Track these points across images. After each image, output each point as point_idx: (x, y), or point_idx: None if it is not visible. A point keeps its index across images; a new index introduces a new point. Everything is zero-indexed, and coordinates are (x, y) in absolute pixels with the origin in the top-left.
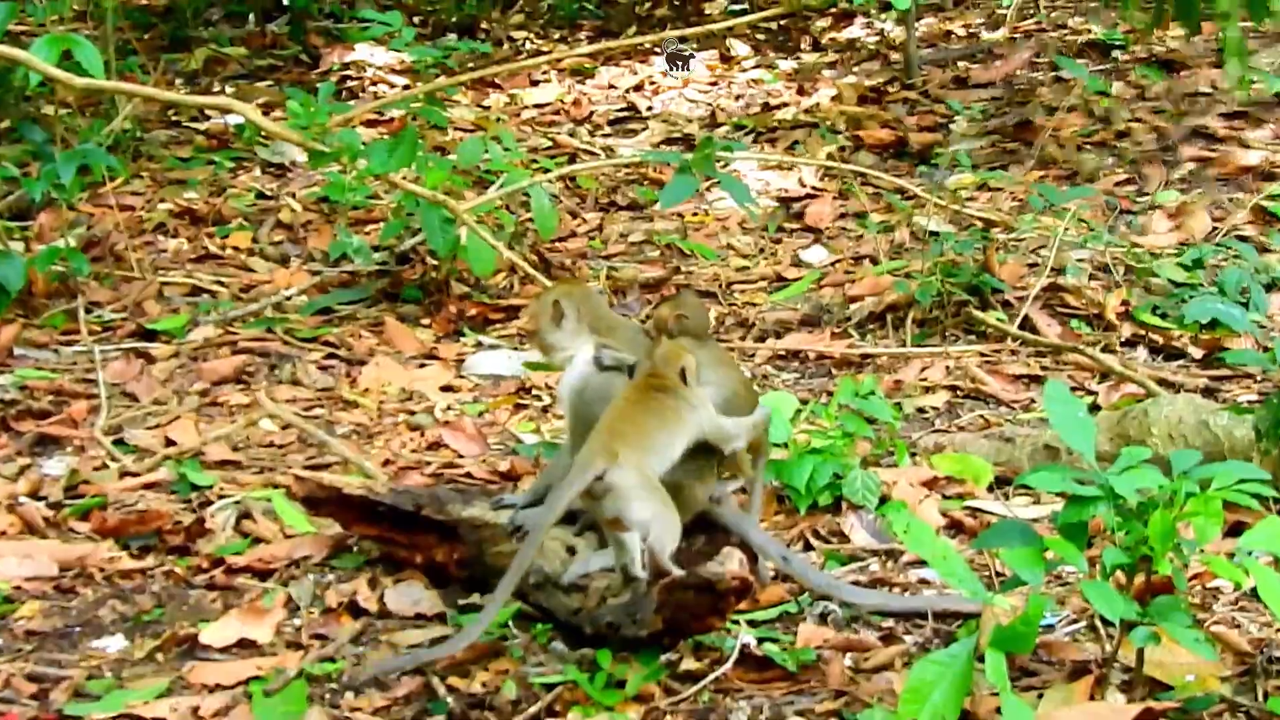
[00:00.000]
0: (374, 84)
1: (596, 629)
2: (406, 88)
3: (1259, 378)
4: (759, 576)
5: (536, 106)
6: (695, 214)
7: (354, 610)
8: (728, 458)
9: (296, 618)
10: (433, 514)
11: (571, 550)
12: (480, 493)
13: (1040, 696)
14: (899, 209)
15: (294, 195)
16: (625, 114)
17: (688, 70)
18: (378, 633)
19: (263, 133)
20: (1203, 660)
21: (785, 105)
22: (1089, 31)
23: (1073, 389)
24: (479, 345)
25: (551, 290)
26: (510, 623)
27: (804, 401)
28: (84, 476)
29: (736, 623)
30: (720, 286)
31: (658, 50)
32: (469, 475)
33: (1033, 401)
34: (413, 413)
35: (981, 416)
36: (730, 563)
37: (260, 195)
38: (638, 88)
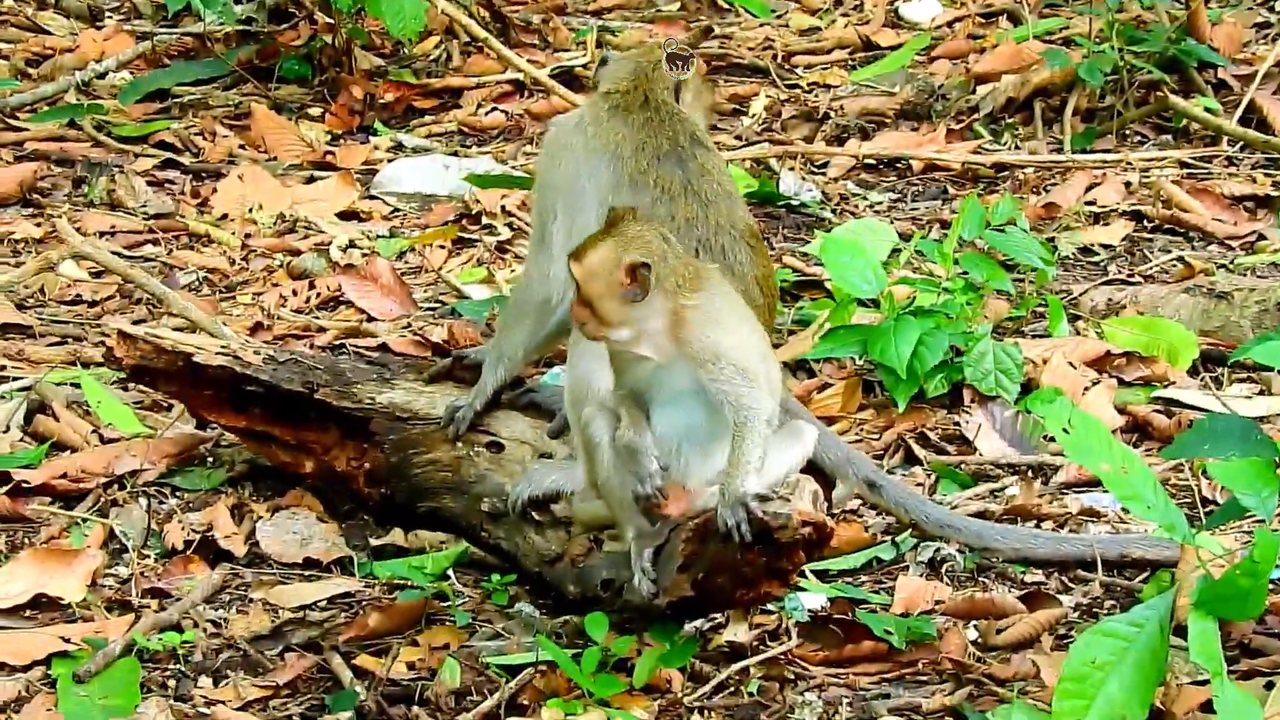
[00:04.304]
0: None
1: (585, 591)
2: None
3: None
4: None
5: None
6: None
7: (210, 553)
8: None
9: (121, 564)
10: (332, 399)
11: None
12: (406, 364)
13: (1270, 686)
14: None
15: None
16: None
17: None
18: (246, 587)
19: None
20: None
21: None
22: None
23: None
24: (398, 149)
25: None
26: (451, 573)
27: (905, 236)
28: None
29: (803, 574)
30: (774, 60)
31: None
32: (384, 349)
33: (1260, 237)
34: (297, 252)
35: (1181, 260)
36: (800, 498)
37: None
38: None
